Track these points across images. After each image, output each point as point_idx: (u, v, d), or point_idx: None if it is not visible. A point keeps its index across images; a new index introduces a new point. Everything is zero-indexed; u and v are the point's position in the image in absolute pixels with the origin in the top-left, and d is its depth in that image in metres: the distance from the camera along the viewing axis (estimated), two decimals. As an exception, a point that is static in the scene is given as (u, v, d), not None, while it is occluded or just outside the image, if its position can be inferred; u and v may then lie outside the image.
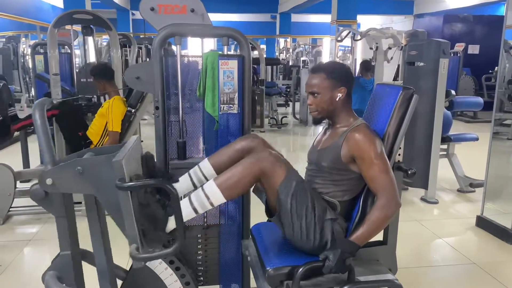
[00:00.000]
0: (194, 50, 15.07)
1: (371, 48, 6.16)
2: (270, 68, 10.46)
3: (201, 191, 1.59)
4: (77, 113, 3.75)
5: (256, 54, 8.63)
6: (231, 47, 11.09)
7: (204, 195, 1.58)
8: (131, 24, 14.85)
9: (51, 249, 2.98)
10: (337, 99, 1.71)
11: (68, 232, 1.53)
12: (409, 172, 1.73)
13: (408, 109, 1.71)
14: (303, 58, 12.25)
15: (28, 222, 3.51)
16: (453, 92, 4.24)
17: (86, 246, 1.70)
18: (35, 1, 10.98)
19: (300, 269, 1.54)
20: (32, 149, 4.36)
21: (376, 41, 6.00)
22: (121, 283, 1.93)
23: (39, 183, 1.42)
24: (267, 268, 1.62)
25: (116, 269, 1.94)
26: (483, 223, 3.46)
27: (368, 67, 5.93)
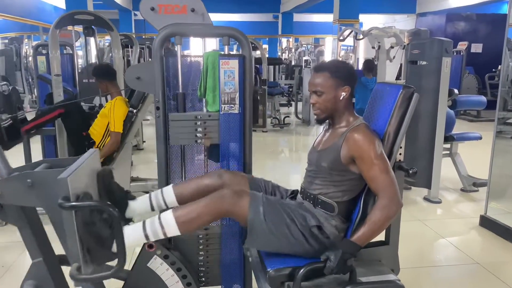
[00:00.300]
0: (196, 50, 15.10)
1: (373, 47, 6.13)
2: (273, 68, 10.46)
3: (157, 220, 1.60)
4: (82, 112, 3.75)
5: (259, 54, 8.63)
6: (233, 47, 11.11)
7: (159, 224, 1.58)
8: (133, 25, 14.87)
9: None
10: (341, 98, 1.70)
11: (35, 240, 1.50)
12: (410, 172, 1.72)
13: (408, 108, 1.70)
14: (306, 57, 12.22)
15: (30, 223, 3.51)
16: (456, 91, 4.23)
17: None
18: (37, 2, 11.02)
19: (301, 270, 1.54)
20: (35, 149, 4.37)
21: (379, 40, 5.98)
22: (122, 283, 1.92)
23: None
24: (268, 269, 1.61)
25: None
26: (486, 222, 3.44)
27: (371, 66, 5.90)
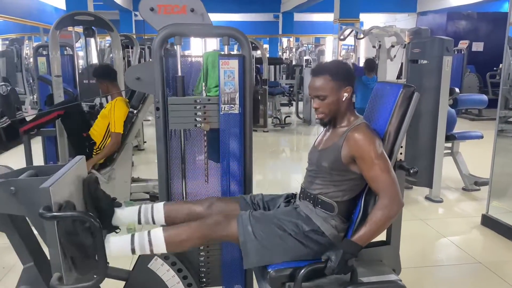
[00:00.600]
0: (196, 51, 15.09)
1: (374, 47, 6.13)
2: (273, 67, 10.46)
3: (146, 236, 1.62)
4: (82, 113, 3.75)
5: (259, 53, 8.62)
6: (234, 47, 11.10)
7: (148, 241, 1.62)
8: (133, 25, 14.86)
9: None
10: (344, 99, 1.69)
11: (24, 245, 1.51)
12: (411, 171, 1.71)
13: (409, 108, 1.69)
14: (306, 57, 12.21)
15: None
16: (457, 89, 4.21)
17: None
18: (38, 3, 11.02)
19: (302, 271, 1.53)
20: (36, 150, 4.37)
21: (379, 39, 5.97)
22: (123, 284, 1.92)
23: None
24: (268, 269, 1.60)
25: (117, 271, 1.94)
26: (488, 221, 3.43)
27: (372, 65, 5.89)
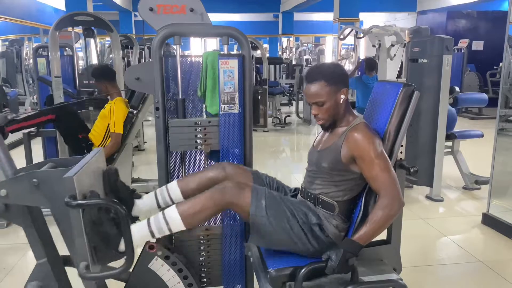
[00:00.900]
0: (196, 51, 15.08)
1: (374, 46, 6.11)
2: (273, 67, 10.46)
3: (162, 216, 1.60)
4: (75, 115, 3.71)
5: (259, 53, 8.62)
6: (234, 47, 11.10)
7: (164, 220, 1.59)
8: (133, 26, 14.85)
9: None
10: (341, 101, 1.69)
11: (40, 240, 1.50)
12: (412, 170, 1.71)
13: (409, 107, 1.68)
14: (306, 56, 12.23)
15: (32, 225, 3.51)
16: (457, 88, 4.20)
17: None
18: (38, 4, 11.01)
19: (303, 270, 1.53)
20: (36, 151, 4.37)
21: (379, 38, 5.95)
22: (123, 285, 1.92)
23: None
24: (269, 269, 1.60)
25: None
26: (489, 220, 3.43)
27: (372, 65, 5.88)
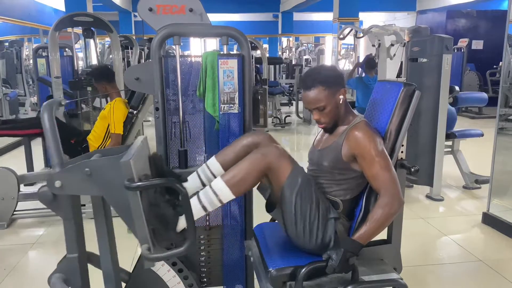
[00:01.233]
0: (196, 51, 15.08)
1: (374, 45, 6.11)
2: (273, 67, 10.45)
3: (210, 189, 1.58)
4: (60, 125, 3.69)
5: (259, 53, 8.62)
6: (233, 47, 11.09)
7: (213, 192, 1.56)
8: (133, 26, 14.86)
9: (55, 252, 2.99)
10: (341, 101, 1.70)
11: (75, 234, 1.51)
12: (412, 170, 1.71)
13: (410, 106, 1.68)
14: (306, 56, 12.22)
15: (32, 225, 3.52)
16: (457, 88, 4.20)
17: (90, 248, 1.69)
18: (37, 4, 11.01)
19: (303, 270, 1.52)
20: (36, 152, 4.37)
21: (379, 38, 5.95)
22: (124, 285, 1.92)
23: (47, 185, 1.40)
24: (269, 269, 1.60)
25: (120, 272, 1.93)
26: (489, 220, 3.43)
27: (372, 64, 5.87)
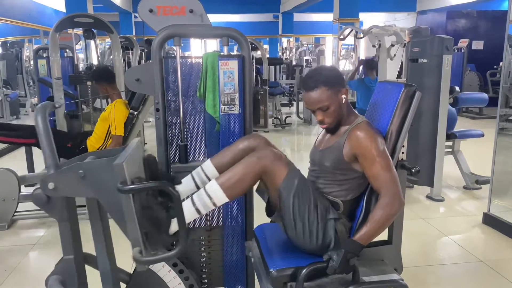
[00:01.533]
0: (196, 52, 15.09)
1: (374, 46, 6.11)
2: (273, 68, 10.45)
3: (203, 192, 1.57)
4: (55, 130, 3.68)
5: (259, 54, 8.62)
6: (234, 48, 11.09)
7: (207, 195, 1.56)
8: (133, 27, 14.87)
9: (56, 253, 2.97)
10: (343, 101, 1.70)
11: (71, 236, 1.52)
12: (413, 170, 1.70)
13: (411, 107, 1.68)
14: (306, 57, 12.21)
15: (32, 226, 3.52)
16: (457, 88, 4.20)
17: (88, 249, 1.69)
18: (38, 5, 11.03)
19: (304, 270, 1.52)
20: (36, 153, 4.37)
21: (379, 38, 5.95)
22: (124, 286, 1.92)
23: (41, 187, 1.41)
24: (270, 269, 1.60)
25: (119, 273, 1.93)
26: (489, 220, 3.42)
27: (372, 65, 5.88)
